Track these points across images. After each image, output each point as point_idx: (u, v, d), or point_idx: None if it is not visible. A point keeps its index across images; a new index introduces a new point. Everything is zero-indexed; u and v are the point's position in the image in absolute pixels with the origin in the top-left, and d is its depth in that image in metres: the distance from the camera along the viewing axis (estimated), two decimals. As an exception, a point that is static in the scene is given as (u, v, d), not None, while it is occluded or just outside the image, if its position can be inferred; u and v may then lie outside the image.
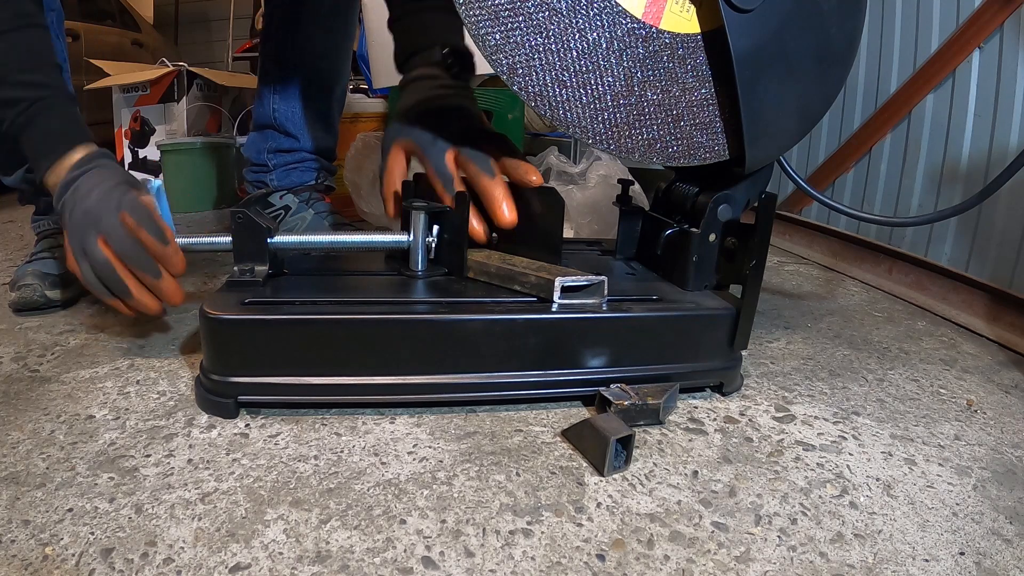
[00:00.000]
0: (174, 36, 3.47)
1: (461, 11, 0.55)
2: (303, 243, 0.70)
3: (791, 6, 0.61)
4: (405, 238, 0.70)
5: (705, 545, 0.48)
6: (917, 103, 1.09)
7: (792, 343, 0.86)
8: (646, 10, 0.59)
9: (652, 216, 0.77)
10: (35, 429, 0.60)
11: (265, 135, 1.14)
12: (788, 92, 0.64)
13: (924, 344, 0.88)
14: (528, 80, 0.57)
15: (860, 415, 0.68)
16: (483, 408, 0.65)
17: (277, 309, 0.62)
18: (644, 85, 0.61)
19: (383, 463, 0.56)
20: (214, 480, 0.53)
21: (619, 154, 0.62)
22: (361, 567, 0.45)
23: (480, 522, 0.49)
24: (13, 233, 1.38)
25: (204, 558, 0.45)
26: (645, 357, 0.66)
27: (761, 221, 0.65)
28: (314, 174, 1.16)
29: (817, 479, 0.56)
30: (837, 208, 0.83)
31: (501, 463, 0.57)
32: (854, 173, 1.25)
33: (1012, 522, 0.52)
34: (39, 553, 0.45)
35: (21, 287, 0.87)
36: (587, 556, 0.46)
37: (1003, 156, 0.93)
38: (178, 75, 1.88)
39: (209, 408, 0.63)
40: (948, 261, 1.03)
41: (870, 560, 0.47)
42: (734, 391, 0.71)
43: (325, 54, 1.11)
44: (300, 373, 0.61)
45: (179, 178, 1.67)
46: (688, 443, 0.61)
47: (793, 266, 1.26)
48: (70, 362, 0.74)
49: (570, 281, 0.64)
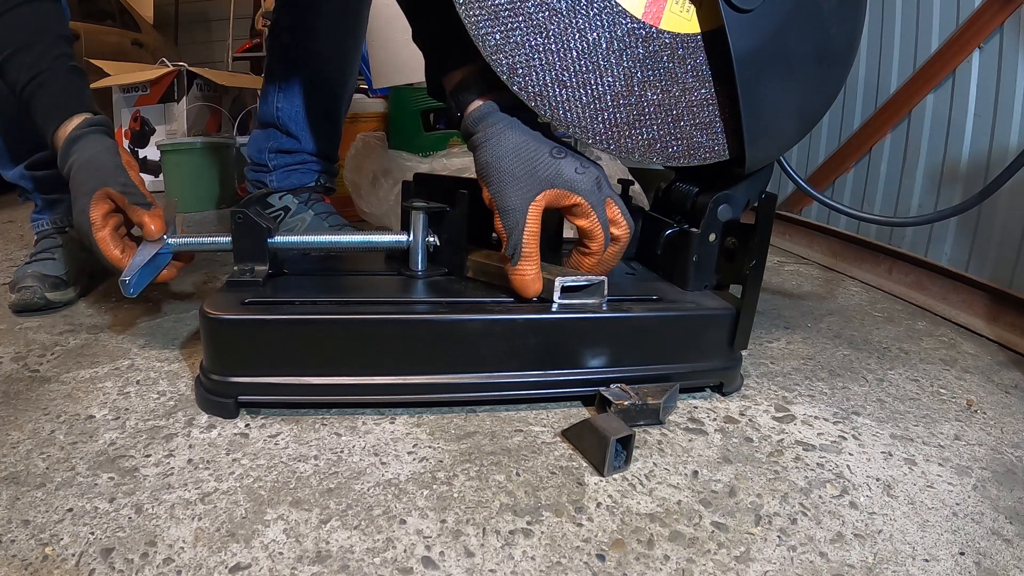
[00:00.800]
0: (174, 36, 3.47)
1: (461, 11, 0.55)
2: (303, 243, 0.70)
3: (791, 6, 0.61)
4: (405, 238, 0.70)
5: (705, 545, 0.48)
6: (917, 103, 1.09)
7: (792, 343, 0.86)
8: (646, 10, 0.59)
9: (652, 216, 0.77)
10: (35, 429, 0.60)
11: (268, 134, 1.13)
12: (788, 92, 0.64)
13: (924, 344, 0.88)
14: (528, 80, 0.57)
15: (860, 415, 0.68)
16: (483, 408, 0.65)
17: (277, 309, 0.62)
18: (644, 85, 0.61)
19: (383, 463, 0.56)
20: (214, 480, 0.53)
21: (619, 154, 0.62)
22: (361, 567, 0.45)
23: (480, 522, 0.49)
24: (13, 233, 1.39)
25: (204, 558, 0.45)
26: (645, 357, 0.66)
27: (761, 221, 0.65)
28: (315, 176, 1.16)
29: (817, 479, 0.56)
30: (837, 208, 0.83)
31: (501, 463, 0.57)
32: (854, 173, 1.25)
33: (1012, 522, 0.52)
34: (39, 553, 0.45)
35: (21, 289, 0.87)
36: (587, 556, 0.46)
37: (1003, 156, 0.93)
38: (178, 75, 1.89)
39: (209, 408, 0.63)
40: (948, 261, 1.03)
41: (870, 560, 0.47)
42: (734, 391, 0.71)
43: (332, 56, 1.10)
44: (300, 373, 0.61)
45: (179, 178, 1.67)
46: (688, 443, 0.61)
47: (793, 266, 1.26)
48: (70, 362, 0.74)
49: (570, 281, 0.64)
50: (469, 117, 0.64)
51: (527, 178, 0.61)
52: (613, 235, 0.65)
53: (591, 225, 0.63)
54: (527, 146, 0.62)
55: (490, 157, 0.62)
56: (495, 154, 0.62)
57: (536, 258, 0.63)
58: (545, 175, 0.61)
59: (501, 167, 0.61)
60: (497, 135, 0.62)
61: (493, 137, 0.62)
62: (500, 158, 0.61)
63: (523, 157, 0.61)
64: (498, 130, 0.62)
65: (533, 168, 0.61)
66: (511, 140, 0.62)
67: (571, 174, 0.61)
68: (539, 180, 0.61)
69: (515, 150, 0.62)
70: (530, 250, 0.62)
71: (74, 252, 0.97)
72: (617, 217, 0.65)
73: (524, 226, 0.61)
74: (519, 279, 0.63)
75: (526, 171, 0.61)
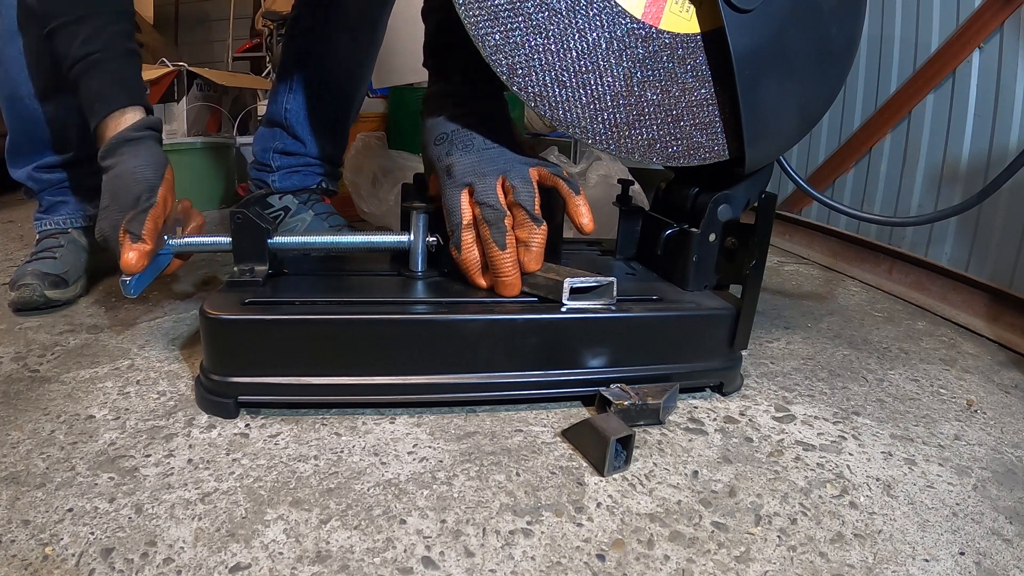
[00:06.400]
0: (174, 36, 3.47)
1: (461, 11, 0.55)
2: (303, 243, 0.70)
3: (791, 6, 0.61)
4: (405, 239, 0.70)
5: (705, 545, 0.48)
6: (917, 103, 1.09)
7: (792, 343, 0.86)
8: (646, 10, 0.59)
9: (652, 216, 0.77)
10: (35, 429, 0.60)
11: (273, 133, 1.13)
12: (788, 92, 0.64)
13: (924, 344, 0.88)
14: (528, 80, 0.57)
15: (860, 415, 0.68)
16: (483, 408, 0.65)
17: (277, 309, 0.62)
18: (644, 85, 0.61)
19: (383, 463, 0.56)
20: (214, 480, 0.53)
21: (619, 154, 0.62)
22: (361, 567, 0.45)
23: (480, 522, 0.49)
24: (13, 233, 1.38)
25: (204, 558, 0.45)
26: (645, 357, 0.66)
27: (761, 221, 0.65)
28: (317, 179, 1.16)
29: (817, 479, 0.56)
30: (837, 208, 0.83)
31: (501, 463, 0.57)
32: (854, 173, 1.25)
33: (1012, 522, 0.52)
34: (39, 553, 0.45)
35: (21, 287, 0.87)
36: (587, 556, 0.46)
37: (1003, 156, 0.93)
38: (178, 75, 1.88)
39: (209, 408, 0.63)
40: (948, 261, 1.03)
41: (870, 560, 0.47)
42: (734, 391, 0.71)
43: (346, 63, 1.10)
44: (300, 373, 0.61)
45: (179, 178, 1.66)
46: (688, 443, 0.61)
47: (793, 266, 1.26)
48: (70, 362, 0.74)
49: (579, 282, 0.64)
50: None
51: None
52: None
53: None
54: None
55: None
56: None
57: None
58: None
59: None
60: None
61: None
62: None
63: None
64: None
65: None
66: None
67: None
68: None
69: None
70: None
71: (75, 252, 0.97)
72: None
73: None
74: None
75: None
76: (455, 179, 0.64)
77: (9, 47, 0.88)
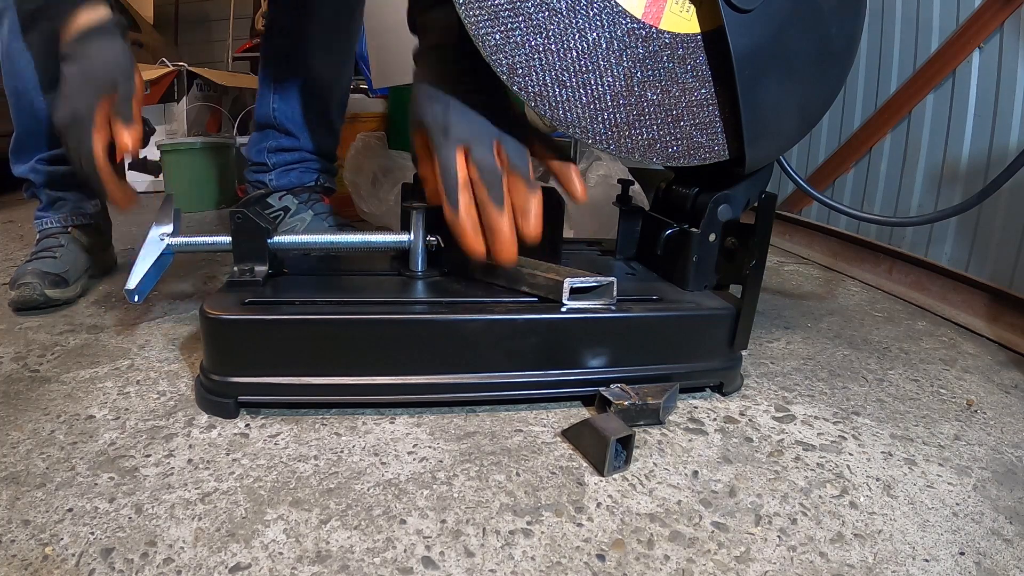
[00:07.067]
0: (174, 36, 3.46)
1: (461, 11, 0.55)
2: (303, 243, 0.70)
3: (791, 6, 0.61)
4: (405, 238, 0.70)
5: (705, 545, 0.48)
6: (917, 103, 1.09)
7: (792, 343, 0.86)
8: (646, 10, 0.59)
9: (652, 216, 0.77)
10: (35, 429, 0.60)
11: (265, 134, 1.14)
12: (788, 92, 0.64)
13: (924, 344, 0.88)
14: (528, 80, 0.57)
15: (860, 415, 0.68)
16: (483, 408, 0.65)
17: (277, 309, 0.62)
18: (644, 85, 0.61)
19: (383, 463, 0.56)
20: (214, 480, 0.53)
21: (619, 154, 0.62)
22: (361, 567, 0.45)
23: (480, 522, 0.49)
24: (13, 233, 1.38)
25: (204, 558, 0.45)
26: (645, 357, 0.66)
27: (761, 221, 0.65)
28: (314, 175, 1.16)
29: (817, 479, 0.56)
30: (837, 208, 0.83)
31: (501, 463, 0.57)
32: (854, 173, 1.25)
33: (1012, 522, 0.52)
34: (39, 553, 0.45)
35: (21, 286, 0.87)
36: (587, 556, 0.46)
37: (1003, 156, 0.93)
38: (178, 75, 1.89)
39: (209, 408, 0.63)
40: (948, 261, 1.03)
41: (870, 560, 0.47)
42: (734, 391, 0.71)
43: (326, 58, 1.10)
44: (300, 373, 0.61)
45: (179, 178, 1.67)
46: (688, 443, 0.61)
47: (793, 266, 1.26)
48: (70, 362, 0.74)
49: (579, 282, 0.64)
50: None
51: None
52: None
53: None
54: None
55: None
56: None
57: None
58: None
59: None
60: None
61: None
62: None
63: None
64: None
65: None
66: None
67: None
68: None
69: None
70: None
71: (75, 251, 0.97)
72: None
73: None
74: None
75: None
76: (451, 138, 0.62)
77: (16, 41, 0.88)
